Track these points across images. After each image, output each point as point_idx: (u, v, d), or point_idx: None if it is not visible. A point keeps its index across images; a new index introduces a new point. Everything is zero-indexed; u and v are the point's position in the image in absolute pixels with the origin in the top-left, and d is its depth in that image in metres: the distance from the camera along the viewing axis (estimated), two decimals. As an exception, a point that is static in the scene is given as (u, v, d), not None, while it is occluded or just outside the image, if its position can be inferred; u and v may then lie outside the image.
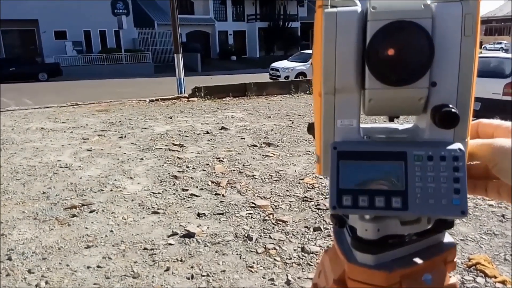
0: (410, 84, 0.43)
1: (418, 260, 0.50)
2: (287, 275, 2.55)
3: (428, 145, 0.45)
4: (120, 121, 7.66)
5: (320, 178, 4.27)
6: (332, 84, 0.46)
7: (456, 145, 0.44)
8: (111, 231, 3.20)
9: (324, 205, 3.56)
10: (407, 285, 0.48)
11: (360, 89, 0.45)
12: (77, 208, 3.59)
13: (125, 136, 6.38)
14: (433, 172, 0.44)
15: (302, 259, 2.75)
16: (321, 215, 3.38)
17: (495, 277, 2.47)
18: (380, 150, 0.45)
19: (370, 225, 0.47)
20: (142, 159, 5.13)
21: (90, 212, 3.53)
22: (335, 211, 0.46)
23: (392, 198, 0.44)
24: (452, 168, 0.43)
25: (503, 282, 2.42)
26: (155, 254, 2.83)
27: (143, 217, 3.43)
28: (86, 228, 3.24)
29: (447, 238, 0.53)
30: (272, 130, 6.67)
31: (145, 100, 10.25)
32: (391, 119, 0.52)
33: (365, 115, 0.48)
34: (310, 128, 0.55)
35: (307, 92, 11.29)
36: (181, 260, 2.74)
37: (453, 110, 0.42)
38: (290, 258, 2.75)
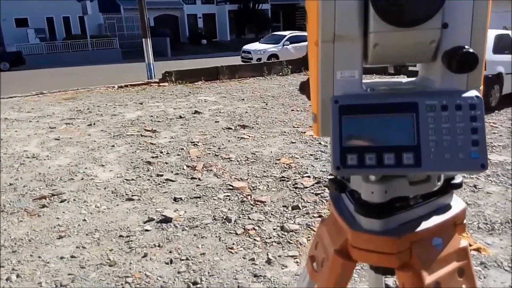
0: (421, 25, 0.38)
1: (427, 224, 0.45)
2: (267, 254, 2.53)
3: (441, 94, 0.40)
4: (88, 109, 7.41)
5: (297, 158, 4.26)
6: (332, 30, 0.40)
7: (472, 93, 0.39)
8: (84, 220, 3.09)
9: (302, 184, 3.55)
10: (417, 251, 0.44)
11: (362, 35, 0.40)
12: (47, 199, 3.45)
13: (94, 124, 6.17)
14: (448, 123, 0.39)
15: (282, 237, 2.73)
16: (299, 194, 3.37)
17: (470, 245, 2.53)
18: (387, 102, 0.39)
19: (377, 186, 0.42)
20: (113, 146, 4.98)
21: (61, 202, 3.40)
22: (339, 173, 0.40)
23: (403, 154, 0.39)
24: (469, 118, 0.38)
25: (477, 250, 2.49)
26: (131, 241, 2.75)
27: (117, 205, 3.33)
28: (58, 218, 3.11)
29: (455, 200, 0.49)
30: (246, 112, 6.60)
31: (113, 87, 9.95)
32: (395, 70, 0.47)
33: (368, 65, 0.43)
34: (303, 87, 0.49)
35: (280, 73, 11.24)
36: (159, 246, 2.68)
37: (471, 50, 0.37)
38: (270, 237, 2.73)
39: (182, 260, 2.51)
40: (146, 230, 2.88)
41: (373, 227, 0.44)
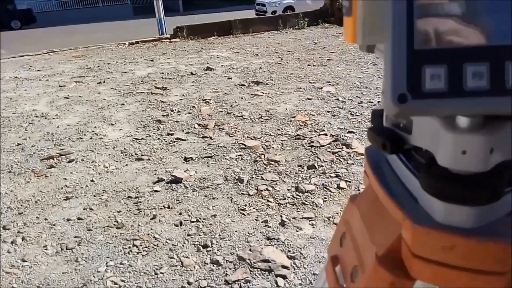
0: None
1: None
2: (281, 216, 2.40)
3: None
4: (98, 66, 7.23)
5: (313, 115, 4.04)
6: None
7: None
8: (92, 180, 3.00)
9: (318, 142, 3.36)
10: None
11: None
12: (55, 159, 3.36)
13: (104, 82, 6.01)
14: None
15: (297, 198, 2.59)
16: (315, 152, 3.19)
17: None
18: None
19: (476, 138, 0.23)
20: (123, 104, 4.83)
21: (69, 162, 3.30)
22: (403, 110, 0.22)
23: None
24: None
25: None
26: (140, 202, 2.65)
27: (126, 165, 3.22)
28: (65, 179, 3.02)
29: None
30: (260, 68, 6.33)
31: (124, 44, 9.69)
32: None
33: None
34: None
35: (296, 27, 10.76)
36: (168, 207, 2.57)
37: None
38: (284, 199, 2.59)
39: (192, 222, 2.41)
40: (156, 191, 2.77)
41: (462, 221, 0.24)
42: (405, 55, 0.20)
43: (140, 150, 3.47)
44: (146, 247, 2.22)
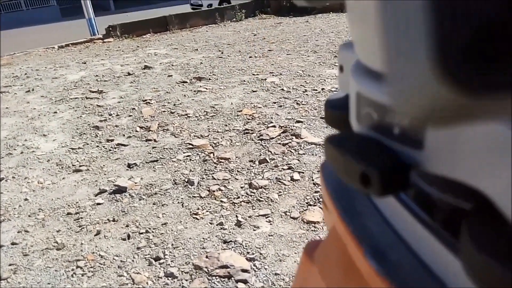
0: None
1: None
2: (236, 216, 2.30)
3: None
4: (26, 74, 6.68)
5: (260, 107, 3.95)
6: None
7: None
8: (26, 199, 2.71)
9: (267, 135, 3.28)
10: None
11: None
12: (-20, 180, 3.01)
13: (33, 90, 5.55)
14: None
15: (251, 195, 2.49)
16: (265, 146, 3.11)
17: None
18: None
19: None
20: (55, 112, 4.47)
21: (-3, 181, 2.98)
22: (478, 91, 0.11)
23: None
24: None
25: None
26: (81, 218, 2.43)
27: (63, 178, 2.95)
28: (-7, 201, 2.71)
29: None
30: (201, 63, 6.14)
31: (53, 47, 9.06)
32: None
33: None
34: None
35: (234, 19, 10.63)
36: (113, 220, 2.37)
37: None
38: (238, 197, 2.48)
39: (141, 233, 2.23)
40: (98, 204, 2.55)
41: None
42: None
43: (77, 161, 3.20)
44: (91, 267, 2.02)
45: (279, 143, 3.12)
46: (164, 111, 4.14)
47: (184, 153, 3.15)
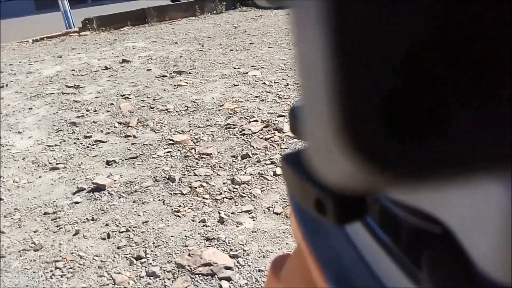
0: None
1: None
2: (219, 213, 2.27)
3: None
4: (-2, 68, 6.46)
5: (241, 102, 3.92)
6: None
7: None
8: (1, 199, 2.63)
9: (249, 129, 3.25)
10: None
11: None
12: (-49, 180, 2.90)
13: (6, 85, 5.37)
14: None
15: (234, 191, 2.47)
16: (248, 140, 3.08)
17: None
18: None
19: None
20: (30, 108, 4.34)
21: (-31, 181, 2.87)
22: None
23: None
24: None
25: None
26: (59, 217, 2.36)
27: (40, 176, 2.87)
28: (-35, 202, 2.62)
29: None
30: (181, 56, 6.05)
31: (27, 41, 8.80)
32: None
33: None
34: None
35: (214, 12, 10.50)
36: (92, 219, 2.31)
37: None
38: (220, 193, 2.46)
39: (122, 232, 2.18)
40: (76, 203, 2.49)
41: None
42: None
43: (54, 158, 3.11)
44: (70, 268, 1.97)
45: (262, 138, 3.10)
46: (143, 106, 4.06)
47: (164, 149, 3.10)
